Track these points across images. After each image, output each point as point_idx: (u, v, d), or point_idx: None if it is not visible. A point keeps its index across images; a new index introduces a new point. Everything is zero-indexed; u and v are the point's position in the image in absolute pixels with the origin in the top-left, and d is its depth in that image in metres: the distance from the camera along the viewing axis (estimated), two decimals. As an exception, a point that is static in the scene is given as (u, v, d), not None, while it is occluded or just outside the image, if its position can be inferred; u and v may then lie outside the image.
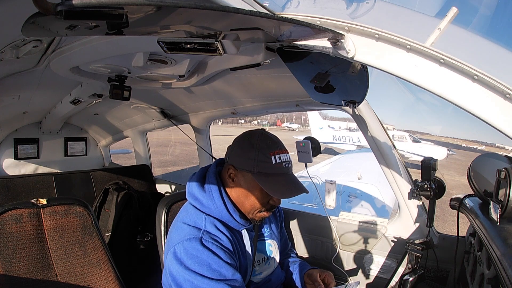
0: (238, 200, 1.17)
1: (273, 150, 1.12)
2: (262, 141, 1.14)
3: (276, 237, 1.40)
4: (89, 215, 1.52)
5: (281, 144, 1.18)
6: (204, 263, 1.01)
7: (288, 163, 1.15)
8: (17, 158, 3.00)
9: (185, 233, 1.07)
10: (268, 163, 1.10)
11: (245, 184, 1.14)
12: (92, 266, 1.45)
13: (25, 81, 1.75)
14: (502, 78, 0.71)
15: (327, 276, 1.29)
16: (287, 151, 1.18)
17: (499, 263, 0.83)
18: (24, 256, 1.30)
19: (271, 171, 1.11)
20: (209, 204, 1.14)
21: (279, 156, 1.12)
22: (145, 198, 2.72)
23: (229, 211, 1.14)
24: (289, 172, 1.16)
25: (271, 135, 1.19)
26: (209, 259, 1.02)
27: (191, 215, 1.14)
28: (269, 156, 1.11)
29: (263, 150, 1.12)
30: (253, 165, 1.11)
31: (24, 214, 1.34)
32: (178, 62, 1.56)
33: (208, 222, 1.11)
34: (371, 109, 1.58)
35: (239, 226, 1.18)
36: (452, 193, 1.65)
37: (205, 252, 1.03)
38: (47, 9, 0.52)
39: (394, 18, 0.88)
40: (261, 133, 1.18)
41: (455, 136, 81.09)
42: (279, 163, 1.12)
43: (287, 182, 1.14)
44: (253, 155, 1.11)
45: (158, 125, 2.96)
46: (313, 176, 2.19)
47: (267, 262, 1.32)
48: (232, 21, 0.83)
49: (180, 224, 1.12)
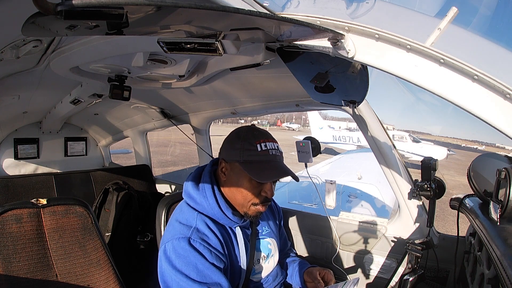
0: (231, 195, 1.18)
1: (259, 139, 1.14)
2: (248, 132, 1.17)
3: (275, 235, 1.40)
4: (89, 215, 1.52)
5: (268, 135, 1.19)
6: (190, 263, 1.03)
7: (274, 151, 1.16)
8: (17, 158, 2.99)
9: (176, 232, 1.09)
10: (253, 151, 1.12)
11: (234, 176, 1.15)
12: (92, 266, 1.45)
13: (25, 81, 1.75)
14: (502, 78, 0.71)
15: (326, 274, 1.29)
16: (275, 141, 1.19)
17: (499, 263, 0.83)
18: (24, 256, 1.30)
19: (257, 158, 1.12)
20: (202, 202, 1.15)
21: (265, 144, 1.14)
22: (145, 198, 2.72)
23: (221, 208, 1.15)
24: (276, 159, 1.16)
25: (259, 129, 1.21)
26: (195, 260, 1.04)
27: (184, 212, 1.17)
28: (254, 144, 1.13)
29: (249, 140, 1.14)
30: (239, 155, 1.12)
31: (24, 214, 1.34)
32: (178, 62, 1.56)
33: (200, 219, 1.13)
34: (371, 109, 1.58)
35: (232, 224, 1.19)
36: (452, 193, 1.65)
37: (192, 253, 1.05)
38: (47, 9, 0.52)
39: (394, 18, 0.88)
40: (249, 127, 1.21)
41: (455, 136, 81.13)
42: (265, 150, 1.13)
43: (273, 167, 1.14)
44: (239, 145, 1.14)
45: (158, 125, 2.96)
46: (313, 176, 2.19)
47: (266, 260, 1.32)
48: (232, 21, 0.83)
49: (173, 222, 1.15)
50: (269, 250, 1.33)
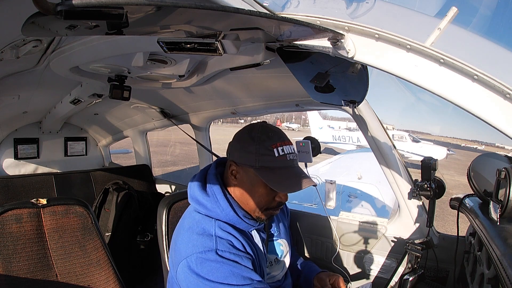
0: (243, 199, 1.09)
1: (275, 142, 1.04)
2: (262, 133, 1.05)
3: (286, 236, 1.34)
4: (89, 215, 1.52)
5: (283, 135, 1.09)
6: (226, 271, 0.95)
7: (292, 155, 1.06)
8: (17, 158, 3.00)
9: (197, 244, 0.99)
10: (270, 156, 1.02)
11: (248, 181, 1.06)
12: (92, 266, 1.45)
13: (25, 81, 1.75)
14: (502, 78, 0.71)
15: (337, 280, 1.26)
16: (290, 142, 1.09)
17: (499, 263, 0.83)
18: (24, 256, 1.30)
19: (274, 164, 1.02)
20: (214, 208, 1.06)
21: (282, 148, 1.04)
22: (145, 198, 2.72)
23: (236, 212, 1.07)
24: (294, 164, 1.07)
25: (272, 127, 1.11)
26: (230, 267, 0.96)
27: (197, 221, 1.07)
28: (271, 149, 1.02)
29: (264, 143, 1.03)
30: (254, 160, 1.02)
31: (24, 214, 1.34)
32: (178, 62, 1.56)
33: (217, 227, 1.04)
34: (371, 109, 1.58)
35: (248, 227, 1.11)
36: (452, 193, 1.65)
37: (225, 262, 0.97)
38: (47, 9, 0.52)
39: (394, 18, 0.88)
40: (261, 125, 1.09)
41: (455, 136, 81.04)
42: (282, 155, 1.03)
43: (293, 175, 1.05)
44: (254, 149, 1.03)
45: (158, 125, 2.96)
46: (313, 176, 2.18)
47: (279, 262, 1.27)
48: (232, 21, 0.83)
49: (188, 234, 1.04)
50: (281, 252, 1.28)
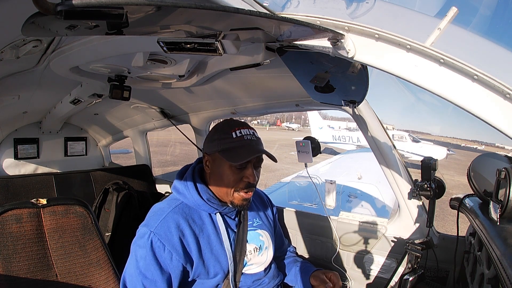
0: (216, 185, 1.22)
1: (234, 127, 1.19)
2: (224, 124, 1.23)
3: (267, 228, 1.41)
4: (89, 215, 1.52)
5: (244, 123, 1.23)
6: (141, 256, 1.12)
7: (250, 136, 1.19)
8: (17, 158, 2.99)
9: (149, 217, 1.20)
10: (229, 139, 1.17)
11: (216, 166, 1.20)
12: (92, 266, 1.45)
13: (25, 81, 1.75)
14: (502, 78, 0.71)
15: (332, 276, 1.31)
16: (250, 128, 1.23)
17: (499, 263, 0.83)
18: (24, 256, 1.30)
19: (233, 145, 1.16)
20: (184, 191, 1.22)
21: (240, 131, 1.18)
22: (145, 198, 2.72)
23: (201, 196, 1.20)
24: (251, 143, 1.18)
25: (236, 120, 1.26)
26: (145, 253, 1.11)
27: (168, 199, 1.25)
28: (229, 133, 1.17)
29: (225, 129, 1.19)
30: (217, 145, 1.18)
31: (24, 214, 1.34)
32: (178, 62, 1.56)
33: (180, 207, 1.20)
34: (371, 109, 1.58)
35: (211, 209, 1.22)
36: (452, 193, 1.65)
37: (147, 245, 1.12)
38: (47, 9, 0.52)
39: (394, 18, 0.87)
40: (226, 119, 1.27)
41: (455, 136, 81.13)
42: (240, 136, 1.17)
43: (248, 150, 1.16)
44: (216, 137, 1.20)
45: (158, 125, 2.96)
46: (313, 176, 2.19)
47: (260, 252, 1.32)
48: (232, 21, 0.83)
49: (152, 207, 1.25)
50: (261, 242, 1.34)
